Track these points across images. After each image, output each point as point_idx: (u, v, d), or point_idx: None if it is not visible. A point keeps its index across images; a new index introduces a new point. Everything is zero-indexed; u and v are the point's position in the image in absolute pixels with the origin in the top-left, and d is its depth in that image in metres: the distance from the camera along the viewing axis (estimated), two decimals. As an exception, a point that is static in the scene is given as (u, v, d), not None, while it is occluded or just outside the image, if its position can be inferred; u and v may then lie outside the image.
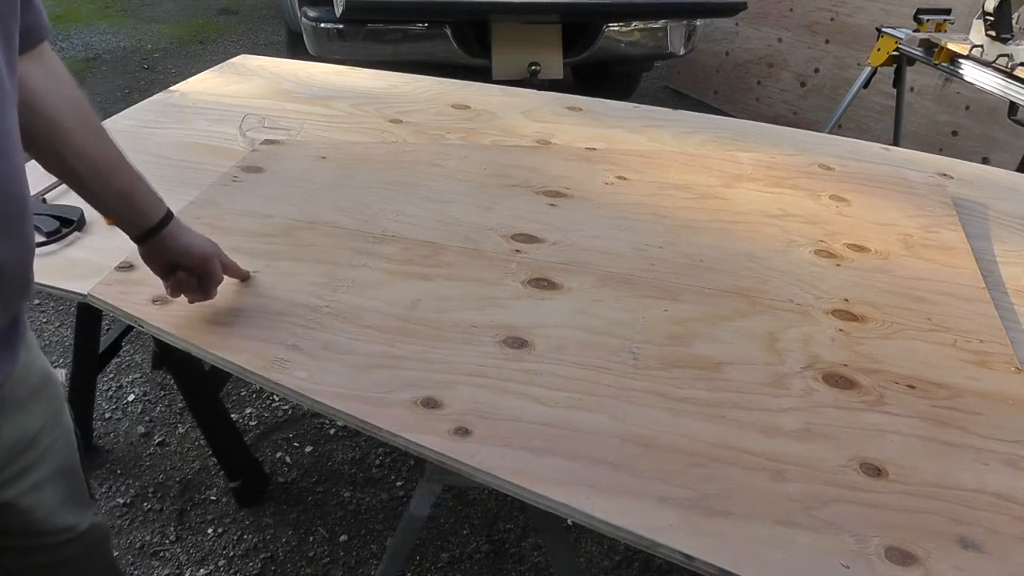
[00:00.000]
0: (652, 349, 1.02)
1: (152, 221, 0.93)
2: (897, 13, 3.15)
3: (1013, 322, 1.12)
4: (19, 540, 0.92)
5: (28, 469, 0.87)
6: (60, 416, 0.93)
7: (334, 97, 1.84)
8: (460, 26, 3.01)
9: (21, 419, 0.84)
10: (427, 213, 1.32)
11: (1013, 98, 2.25)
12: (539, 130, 1.71)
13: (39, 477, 0.89)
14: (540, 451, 0.85)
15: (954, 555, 0.75)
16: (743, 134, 1.75)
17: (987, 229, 1.37)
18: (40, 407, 0.88)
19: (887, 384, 0.97)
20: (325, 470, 1.83)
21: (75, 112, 0.83)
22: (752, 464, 0.85)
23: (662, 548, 0.75)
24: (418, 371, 0.96)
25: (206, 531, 1.67)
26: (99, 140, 0.86)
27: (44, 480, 0.90)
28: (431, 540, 1.66)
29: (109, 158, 0.87)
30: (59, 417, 0.93)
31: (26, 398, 0.84)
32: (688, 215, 1.35)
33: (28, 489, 0.88)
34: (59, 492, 0.93)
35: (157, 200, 0.94)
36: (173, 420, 1.96)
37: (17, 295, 0.74)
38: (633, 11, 3.14)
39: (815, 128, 2.46)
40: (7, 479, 0.84)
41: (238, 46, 4.93)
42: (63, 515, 0.95)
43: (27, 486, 0.88)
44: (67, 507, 0.96)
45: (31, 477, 0.88)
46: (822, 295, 1.14)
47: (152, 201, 0.93)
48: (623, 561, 1.63)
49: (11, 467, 0.84)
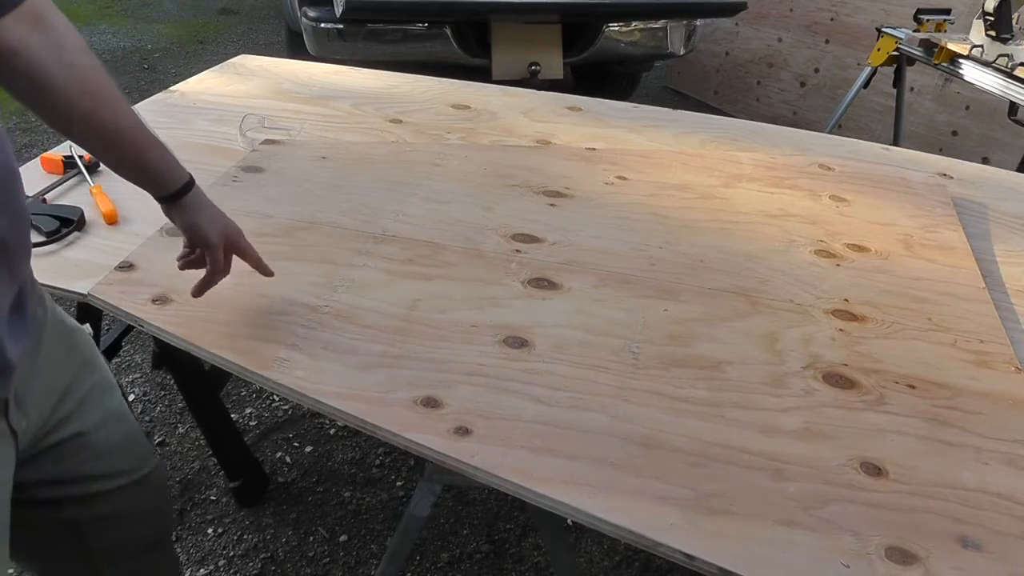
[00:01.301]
0: (652, 349, 1.02)
1: (166, 191, 0.93)
2: (897, 13, 3.15)
3: (1013, 322, 1.12)
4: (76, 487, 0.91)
5: (68, 418, 0.87)
6: (94, 363, 0.93)
7: (334, 97, 1.84)
8: (460, 26, 3.01)
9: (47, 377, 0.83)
10: (427, 213, 1.32)
11: (1013, 98, 2.25)
12: (539, 130, 1.71)
13: (83, 424, 0.89)
14: (540, 451, 0.85)
15: (954, 555, 0.75)
16: (743, 134, 1.75)
17: (987, 229, 1.37)
18: (67, 360, 0.88)
19: (887, 384, 0.97)
20: (325, 470, 1.83)
21: (78, 80, 0.80)
22: (752, 464, 0.85)
23: (662, 547, 0.75)
24: (418, 371, 0.96)
25: (206, 531, 1.67)
26: (107, 109, 0.84)
27: (90, 427, 0.89)
28: (431, 540, 1.66)
29: (119, 127, 0.86)
30: (93, 365, 0.93)
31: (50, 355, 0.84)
32: (688, 215, 1.35)
33: (73, 435, 0.87)
34: (107, 438, 0.92)
35: (173, 171, 0.93)
36: (173, 420, 1.96)
37: (21, 263, 0.74)
38: (633, 11, 3.14)
39: (815, 128, 2.45)
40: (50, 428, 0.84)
41: (238, 46, 4.93)
42: (119, 458, 0.95)
43: (71, 432, 0.87)
44: (122, 450, 0.95)
45: (73, 424, 0.87)
46: (822, 295, 1.14)
47: (166, 171, 0.92)
48: (623, 561, 1.63)
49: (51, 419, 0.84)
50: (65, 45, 0.80)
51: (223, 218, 0.99)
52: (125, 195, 1.29)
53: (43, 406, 0.82)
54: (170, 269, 1.13)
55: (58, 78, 0.79)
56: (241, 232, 1.02)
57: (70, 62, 0.80)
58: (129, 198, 1.28)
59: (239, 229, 1.02)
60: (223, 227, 0.99)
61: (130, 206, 1.29)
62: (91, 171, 1.39)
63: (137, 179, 0.92)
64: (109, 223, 1.26)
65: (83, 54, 0.83)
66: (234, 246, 1.01)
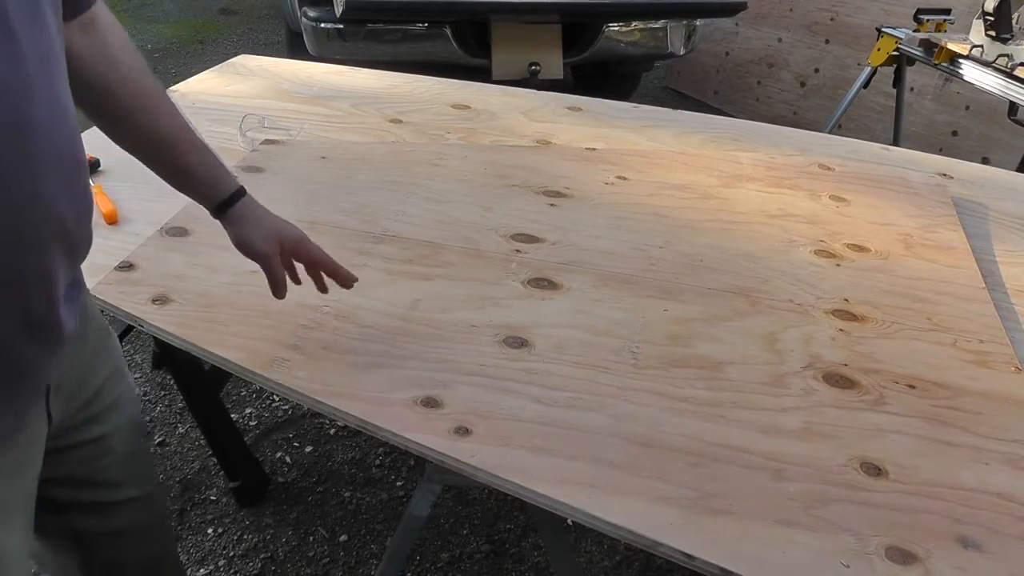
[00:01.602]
0: (652, 349, 1.02)
1: (212, 201, 0.91)
2: (897, 13, 3.15)
3: (1013, 322, 1.12)
4: (87, 492, 0.91)
5: (97, 417, 0.87)
6: (122, 372, 0.94)
7: (334, 97, 1.84)
8: (460, 26, 3.01)
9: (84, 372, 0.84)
10: (427, 213, 1.32)
11: (1013, 98, 2.25)
12: (539, 130, 1.71)
13: (108, 427, 0.89)
14: (540, 451, 0.85)
15: (954, 554, 0.75)
16: (743, 134, 1.75)
17: (987, 229, 1.37)
18: (102, 361, 0.89)
19: (887, 384, 0.97)
20: (325, 470, 1.83)
21: (121, 79, 0.82)
22: (752, 464, 0.85)
23: (662, 547, 0.75)
24: (418, 371, 0.96)
25: (206, 531, 1.67)
26: (149, 110, 0.84)
27: (114, 430, 0.90)
28: (431, 540, 1.66)
29: (161, 129, 0.85)
30: (122, 373, 0.93)
31: (88, 353, 0.85)
32: (688, 215, 1.35)
33: (95, 438, 0.88)
34: (128, 444, 0.93)
35: (218, 179, 0.91)
36: (173, 420, 1.96)
37: (81, 252, 0.75)
38: (633, 11, 3.14)
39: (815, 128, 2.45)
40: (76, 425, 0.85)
41: (238, 46, 4.93)
42: (130, 468, 0.95)
43: (94, 435, 0.88)
44: (135, 461, 0.96)
45: (100, 425, 0.88)
46: (822, 295, 1.14)
47: (210, 178, 0.90)
48: (623, 561, 1.63)
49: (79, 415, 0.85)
50: (111, 43, 0.82)
51: (278, 225, 0.94)
52: (125, 195, 1.29)
53: (74, 400, 0.83)
54: (170, 269, 1.14)
55: (102, 76, 0.80)
56: (304, 237, 0.95)
57: (115, 61, 0.82)
58: (129, 198, 1.28)
59: (301, 235, 0.95)
60: (276, 233, 0.93)
61: (130, 206, 1.29)
62: (92, 171, 1.39)
63: (183, 187, 0.91)
64: (109, 223, 1.26)
65: (129, 54, 0.84)
66: (295, 253, 0.95)
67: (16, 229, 0.63)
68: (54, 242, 0.67)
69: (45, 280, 0.68)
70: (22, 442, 0.75)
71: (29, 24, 0.61)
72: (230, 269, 1.12)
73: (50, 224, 0.66)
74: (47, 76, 0.64)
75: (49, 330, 0.71)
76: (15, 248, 0.63)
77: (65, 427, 0.83)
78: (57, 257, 0.68)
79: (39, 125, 0.62)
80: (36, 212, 0.64)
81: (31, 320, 0.68)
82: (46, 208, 0.65)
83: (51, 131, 0.64)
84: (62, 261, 0.69)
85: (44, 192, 0.64)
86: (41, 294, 0.68)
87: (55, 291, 0.69)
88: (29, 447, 0.76)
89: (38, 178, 0.63)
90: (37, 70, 0.62)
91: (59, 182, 0.66)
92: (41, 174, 0.63)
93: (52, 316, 0.71)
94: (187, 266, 1.14)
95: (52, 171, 0.64)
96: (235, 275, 1.11)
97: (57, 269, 0.69)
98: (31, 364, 0.71)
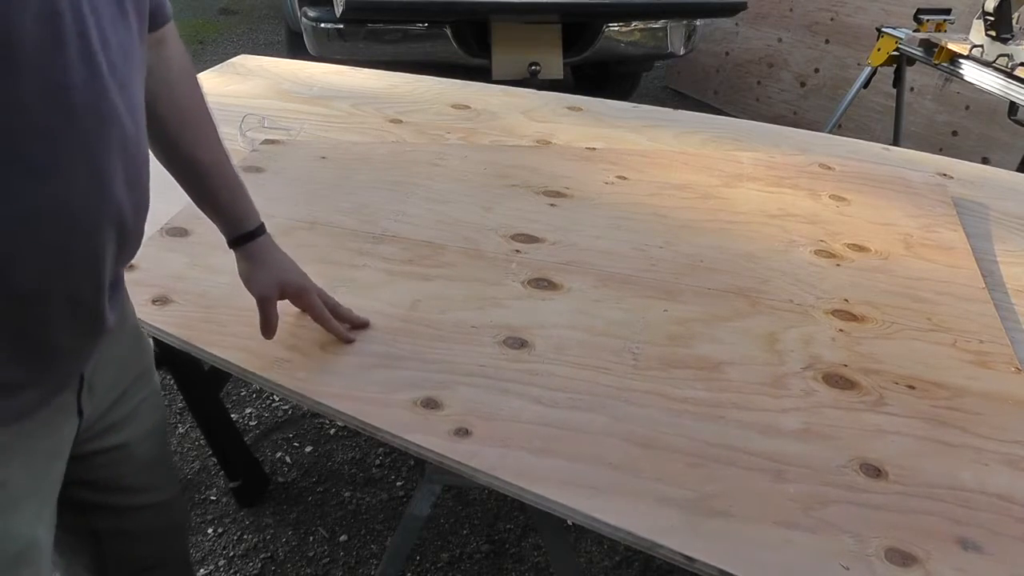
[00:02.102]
0: (652, 349, 1.02)
1: (227, 235, 0.95)
2: (897, 13, 3.15)
3: (1013, 322, 1.11)
4: (107, 496, 0.92)
5: (122, 422, 0.88)
6: (150, 376, 0.95)
7: (334, 97, 1.84)
8: (460, 26, 3.01)
9: (115, 371, 0.85)
10: (427, 213, 1.32)
11: (1013, 98, 2.25)
12: (539, 130, 1.71)
13: (132, 433, 0.90)
14: (540, 451, 0.85)
15: (954, 556, 0.75)
16: (743, 134, 1.75)
17: (987, 229, 1.37)
18: (132, 362, 0.90)
19: (887, 384, 0.97)
20: (325, 470, 1.83)
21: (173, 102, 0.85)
22: (752, 464, 0.85)
23: (662, 549, 0.75)
24: (418, 371, 0.96)
25: (206, 531, 1.67)
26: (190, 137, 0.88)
27: (137, 436, 0.91)
28: (431, 540, 1.66)
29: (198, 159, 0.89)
30: (149, 376, 0.95)
31: (120, 352, 0.86)
32: (688, 215, 1.35)
33: (119, 444, 0.89)
34: (150, 450, 0.94)
35: (240, 217, 0.94)
36: (173, 420, 1.96)
37: (132, 247, 0.76)
38: (633, 11, 3.14)
39: (815, 128, 2.45)
40: (102, 429, 0.85)
41: (238, 46, 4.93)
42: (151, 475, 0.96)
43: (119, 440, 0.88)
44: (156, 467, 0.97)
45: (124, 431, 0.89)
46: (822, 295, 1.14)
47: (233, 215, 0.94)
48: (623, 561, 1.63)
49: (106, 418, 0.85)
50: (172, 66, 0.85)
51: (285, 271, 0.97)
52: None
53: (103, 401, 0.84)
54: (170, 269, 1.14)
55: (152, 94, 0.81)
56: (306, 289, 0.98)
57: (171, 82, 0.85)
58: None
59: (305, 285, 0.98)
60: (277, 279, 0.96)
61: (130, 206, 1.28)
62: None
63: (208, 214, 0.95)
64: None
65: (186, 80, 0.88)
66: (295, 301, 0.98)
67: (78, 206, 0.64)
68: (109, 228, 0.68)
69: (95, 265, 0.69)
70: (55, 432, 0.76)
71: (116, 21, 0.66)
72: (230, 269, 1.11)
73: (109, 208, 0.67)
74: (127, 68, 0.67)
75: (92, 318, 0.72)
76: (72, 225, 0.65)
77: (92, 429, 0.83)
78: (110, 244, 0.69)
79: (115, 110, 0.65)
80: (98, 193, 0.66)
81: (76, 303, 0.69)
82: (107, 191, 0.66)
83: (124, 120, 0.67)
84: (113, 250, 0.70)
85: (108, 175, 0.66)
86: (89, 278, 0.69)
87: (102, 279, 0.71)
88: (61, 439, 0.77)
89: (105, 161, 0.65)
90: (120, 60, 0.66)
91: (123, 170, 0.68)
92: (108, 159, 0.65)
93: (97, 304, 0.72)
94: (187, 266, 1.14)
95: (119, 158, 0.67)
96: (235, 275, 1.10)
97: (107, 257, 0.70)
98: (68, 348, 0.72)
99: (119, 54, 0.66)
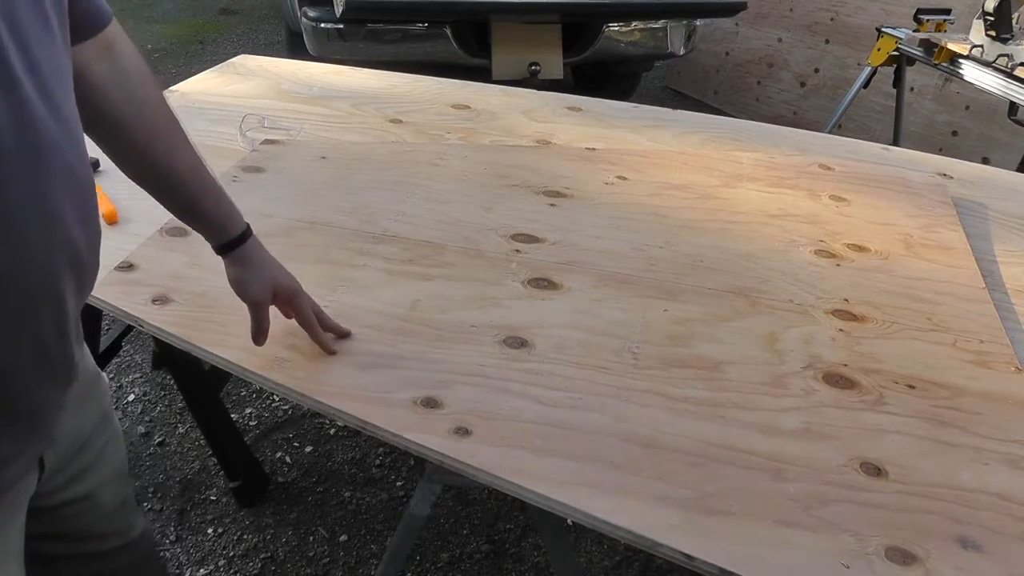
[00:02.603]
0: (652, 349, 1.02)
1: (216, 242, 0.91)
2: (897, 13, 3.15)
3: (1013, 322, 1.11)
4: (74, 545, 0.90)
5: (82, 473, 0.85)
6: (110, 417, 0.91)
7: (334, 97, 1.84)
8: (460, 26, 3.01)
9: (76, 418, 0.82)
10: (427, 213, 1.32)
11: (1013, 98, 2.25)
12: (539, 130, 1.71)
13: (97, 480, 0.88)
14: (540, 451, 0.85)
15: (954, 555, 0.75)
16: (743, 134, 1.75)
17: (987, 229, 1.37)
18: (91, 406, 0.86)
19: (887, 384, 0.97)
20: (325, 470, 1.83)
21: (136, 110, 0.79)
22: (752, 464, 0.85)
23: (662, 548, 0.75)
24: (418, 371, 0.96)
25: (206, 531, 1.67)
26: (162, 145, 0.82)
27: (102, 483, 0.89)
28: (431, 540, 1.66)
29: (173, 166, 0.83)
30: (109, 418, 0.91)
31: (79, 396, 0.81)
32: (688, 215, 1.35)
33: (82, 495, 0.86)
34: (109, 497, 0.91)
35: (226, 221, 0.90)
36: (173, 420, 1.96)
37: (90, 282, 0.72)
38: (633, 11, 3.14)
39: (815, 128, 2.45)
40: (63, 482, 0.82)
41: (238, 46, 4.93)
42: (117, 519, 0.94)
43: (81, 491, 0.86)
44: (121, 511, 0.95)
45: (89, 479, 0.86)
46: (822, 295, 1.14)
47: (218, 221, 0.89)
48: (623, 561, 1.63)
49: (68, 469, 0.82)
50: (130, 74, 0.79)
51: (276, 273, 0.94)
52: (125, 195, 1.29)
53: (67, 450, 0.81)
54: (170, 269, 1.14)
55: (116, 106, 0.77)
56: (298, 290, 0.96)
57: (132, 91, 0.79)
58: (129, 198, 1.28)
59: (296, 287, 0.96)
60: (272, 281, 0.93)
61: (130, 206, 1.29)
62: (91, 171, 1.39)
63: (190, 222, 0.90)
64: (109, 223, 1.26)
65: (147, 86, 0.81)
66: (286, 304, 0.96)
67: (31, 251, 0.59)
68: (66, 267, 0.64)
69: (58, 309, 0.65)
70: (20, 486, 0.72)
71: (41, 36, 0.59)
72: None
73: (63, 247, 0.63)
74: (60, 91, 0.61)
75: (63, 365, 0.69)
76: (29, 271, 0.60)
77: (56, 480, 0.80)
78: (69, 284, 0.65)
79: (52, 141, 0.60)
80: (49, 233, 0.61)
81: (45, 353, 0.65)
82: (59, 229, 0.62)
83: (63, 148, 0.61)
84: (73, 289, 0.66)
85: (57, 212, 0.61)
86: (53, 324, 0.65)
87: (67, 322, 0.67)
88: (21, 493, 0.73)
89: (50, 197, 0.60)
90: (51, 83, 0.59)
91: (71, 203, 0.63)
92: (53, 193, 0.60)
93: (66, 350, 0.68)
94: (187, 266, 1.14)
95: (64, 190, 0.62)
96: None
97: (69, 300, 0.66)
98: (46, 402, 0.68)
99: (51, 74, 0.60)
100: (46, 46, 0.59)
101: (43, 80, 0.58)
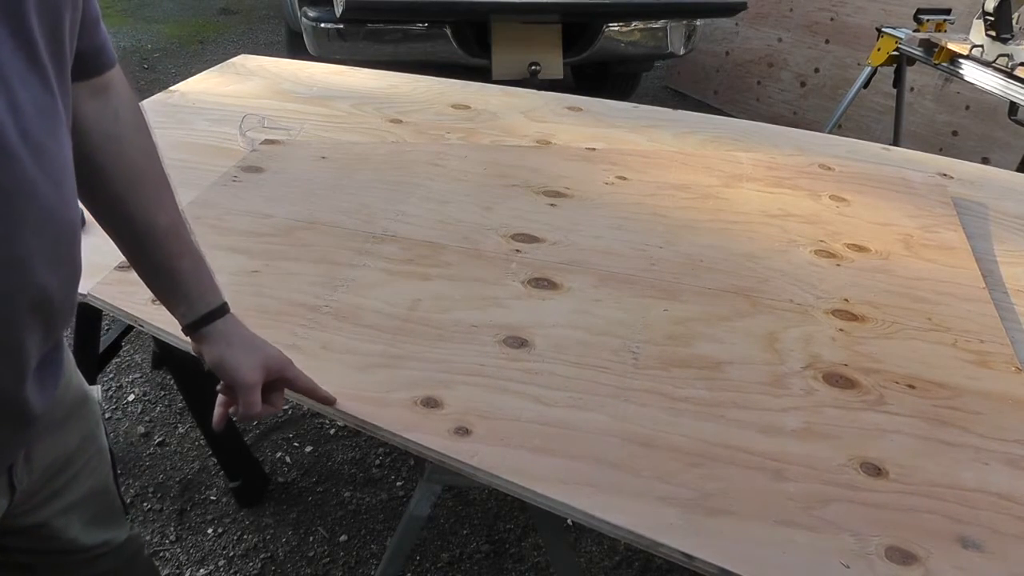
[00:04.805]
0: (652, 349, 1.02)
1: (191, 315, 0.81)
2: (897, 13, 3.15)
3: (1013, 322, 1.12)
4: (51, 558, 0.89)
5: (60, 491, 0.83)
6: (96, 436, 0.89)
7: (334, 97, 1.84)
8: (460, 26, 3.01)
9: (56, 440, 0.79)
10: (427, 213, 1.32)
11: (1013, 98, 2.25)
12: (539, 130, 1.71)
13: (71, 500, 0.85)
14: (540, 451, 0.85)
15: (954, 555, 0.75)
16: (743, 134, 1.75)
17: (987, 229, 1.37)
18: (76, 428, 0.84)
19: (887, 384, 0.97)
20: (325, 470, 1.83)
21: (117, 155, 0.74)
22: (752, 464, 0.85)
23: (662, 547, 0.75)
24: (418, 371, 0.96)
25: (206, 531, 1.67)
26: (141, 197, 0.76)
27: (76, 503, 0.86)
28: (431, 540, 1.66)
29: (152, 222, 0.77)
30: (94, 437, 0.88)
31: (62, 419, 0.80)
32: (688, 215, 1.35)
33: (59, 512, 0.84)
34: (89, 513, 0.90)
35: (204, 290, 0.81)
36: (173, 420, 1.96)
37: (62, 323, 0.68)
38: (633, 11, 3.15)
39: (815, 128, 2.46)
40: (39, 502, 0.81)
41: (238, 46, 4.93)
42: (94, 534, 0.92)
43: (58, 508, 0.84)
44: (97, 526, 0.93)
45: (63, 499, 0.84)
46: (822, 295, 1.14)
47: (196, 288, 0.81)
48: (623, 561, 1.63)
49: (44, 490, 0.80)
50: (120, 118, 0.75)
51: (262, 350, 0.84)
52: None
53: (44, 471, 0.79)
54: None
55: (97, 148, 0.73)
56: (289, 362, 0.86)
57: (118, 135, 0.74)
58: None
59: (286, 360, 0.86)
60: (262, 361, 0.83)
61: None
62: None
63: (164, 291, 0.81)
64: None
65: (137, 133, 0.76)
66: (281, 381, 0.86)
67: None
68: (30, 313, 0.60)
69: (14, 356, 0.61)
70: None
71: (26, 77, 0.57)
72: (229, 269, 1.12)
73: (28, 293, 0.60)
74: (44, 128, 0.59)
75: (14, 409, 0.65)
76: None
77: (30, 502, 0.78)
78: (32, 330, 0.62)
79: (27, 181, 0.56)
80: (11, 279, 0.58)
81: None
82: (24, 275, 0.59)
83: (39, 190, 0.58)
84: (37, 333, 0.63)
85: (21, 257, 0.58)
86: (8, 370, 0.62)
87: (24, 368, 0.63)
88: None
89: (16, 241, 0.57)
90: (31, 123, 0.57)
91: (43, 246, 0.59)
92: (20, 237, 0.57)
93: (18, 395, 0.64)
94: (187, 266, 1.14)
95: (35, 234, 0.58)
96: (234, 275, 1.11)
97: (29, 343, 0.62)
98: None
99: (33, 115, 0.57)
100: (32, 87, 0.57)
101: (24, 121, 0.56)
